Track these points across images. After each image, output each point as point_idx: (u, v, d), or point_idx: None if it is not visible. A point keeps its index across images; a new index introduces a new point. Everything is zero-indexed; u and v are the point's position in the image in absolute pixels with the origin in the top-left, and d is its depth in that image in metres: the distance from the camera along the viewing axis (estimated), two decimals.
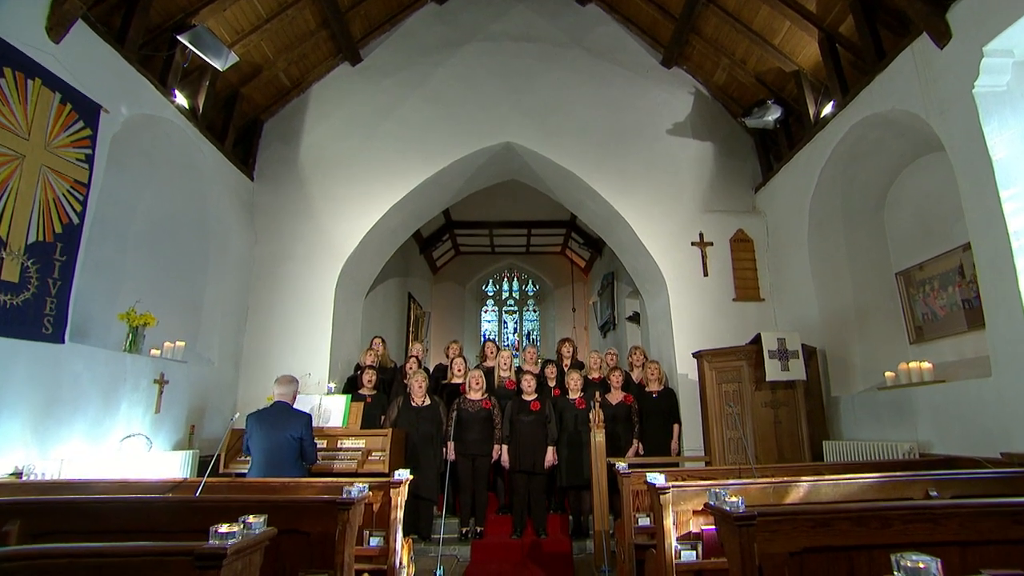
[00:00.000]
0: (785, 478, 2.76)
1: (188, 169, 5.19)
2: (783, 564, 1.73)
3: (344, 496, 2.26)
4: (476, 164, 6.56)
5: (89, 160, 3.75)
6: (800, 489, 2.68)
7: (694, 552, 2.59)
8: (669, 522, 2.60)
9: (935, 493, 2.58)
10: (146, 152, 4.84)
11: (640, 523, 3.39)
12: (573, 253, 11.85)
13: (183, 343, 4.70)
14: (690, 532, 2.66)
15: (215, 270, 5.46)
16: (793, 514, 1.76)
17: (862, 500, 2.63)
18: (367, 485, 2.48)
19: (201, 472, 4.51)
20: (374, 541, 2.98)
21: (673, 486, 2.64)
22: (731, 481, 2.70)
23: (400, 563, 2.99)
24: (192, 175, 5.24)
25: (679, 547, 2.59)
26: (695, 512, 2.67)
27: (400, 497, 3.07)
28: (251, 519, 1.46)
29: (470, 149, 6.30)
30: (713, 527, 2.65)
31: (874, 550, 1.74)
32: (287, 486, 3.08)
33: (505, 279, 13.14)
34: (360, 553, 2.95)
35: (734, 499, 1.83)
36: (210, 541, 1.29)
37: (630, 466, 3.61)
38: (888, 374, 4.28)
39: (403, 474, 3.15)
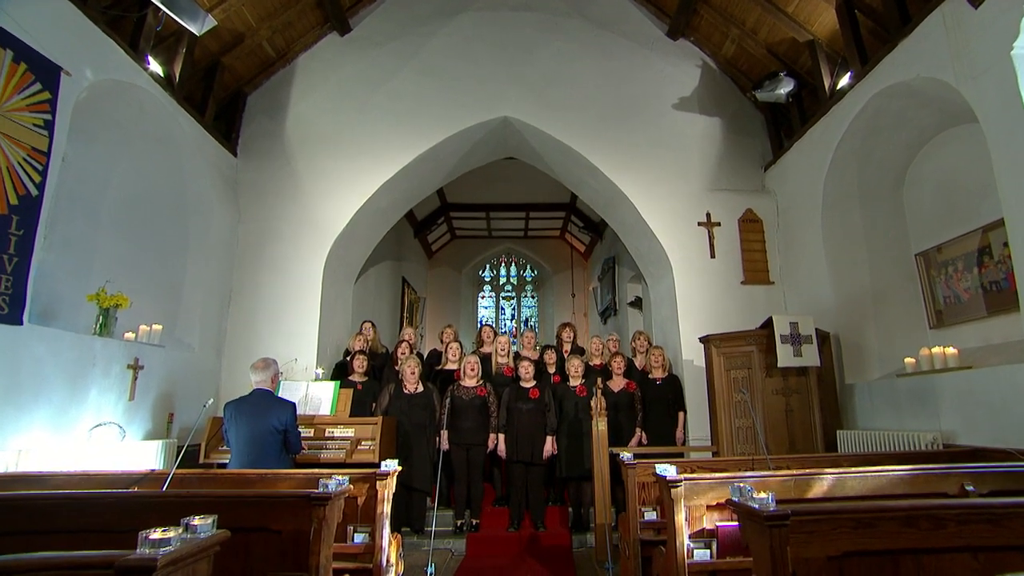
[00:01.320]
0: (806, 470, 2.54)
1: (165, 142, 4.89)
2: (820, 570, 1.52)
3: (319, 491, 2.03)
4: (472, 140, 6.29)
5: (49, 126, 3.46)
6: (824, 482, 2.47)
7: (708, 551, 2.38)
8: (681, 518, 2.39)
9: (971, 487, 2.38)
10: (118, 123, 4.54)
11: (646, 517, 3.19)
12: (573, 237, 11.61)
13: (160, 327, 4.45)
14: (703, 529, 2.45)
15: (195, 250, 5.19)
16: (832, 513, 1.53)
17: (892, 495, 2.42)
18: (347, 477, 2.26)
19: (179, 463, 4.31)
20: (359, 538, 2.77)
21: (686, 479, 2.42)
22: (748, 473, 2.50)
23: (387, 561, 2.79)
24: (169, 149, 4.94)
25: (691, 545, 2.38)
26: (709, 507, 2.46)
27: (387, 490, 2.85)
28: (196, 521, 1.23)
29: (465, 124, 6.02)
30: (729, 523, 2.44)
31: (923, 555, 1.53)
32: (264, 478, 2.87)
33: (502, 264, 12.91)
34: (343, 551, 2.74)
35: (763, 495, 1.61)
36: (139, 549, 1.06)
37: (635, 456, 3.40)
38: (908, 360, 4.06)
39: (391, 465, 2.93)
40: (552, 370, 5.31)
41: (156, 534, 1.08)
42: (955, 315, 4.27)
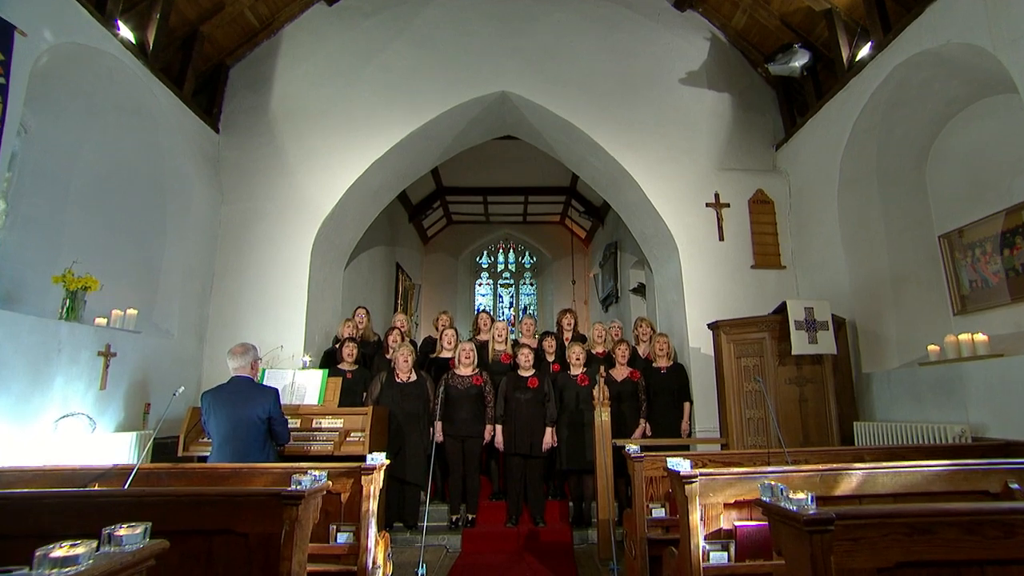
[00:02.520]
0: (832, 465, 2.34)
1: (139, 115, 4.62)
2: None
3: (292, 488, 1.82)
4: (468, 117, 6.02)
5: (2, 91, 3.20)
6: (852, 478, 2.27)
7: (725, 553, 2.19)
8: (695, 517, 2.19)
9: (1016, 486, 2.18)
10: (86, 92, 4.27)
11: (654, 514, 3.01)
12: (573, 223, 11.36)
13: (135, 311, 4.22)
14: (720, 529, 2.25)
15: (174, 231, 4.95)
16: (883, 517, 1.33)
17: (928, 492, 2.22)
18: (325, 473, 2.05)
19: (156, 456, 4.11)
20: (342, 537, 2.57)
21: (701, 475, 2.22)
22: (770, 468, 2.30)
23: (373, 562, 2.59)
24: (144, 122, 4.67)
25: (707, 547, 2.19)
26: (727, 505, 2.27)
27: (373, 485, 2.65)
28: (122, 531, 1.02)
29: (461, 99, 5.76)
30: (749, 523, 2.25)
31: (989, 567, 1.32)
32: (239, 473, 2.66)
33: (500, 250, 12.67)
34: (325, 551, 2.55)
35: (801, 496, 1.40)
36: (34, 571, 0.85)
37: (642, 449, 3.21)
38: (931, 348, 3.86)
39: (377, 458, 2.73)
40: (552, 358, 5.13)
41: (61, 549, 0.87)
42: (982, 300, 4.06)
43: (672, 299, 5.81)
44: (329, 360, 5.24)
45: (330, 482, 2.12)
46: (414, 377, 4.58)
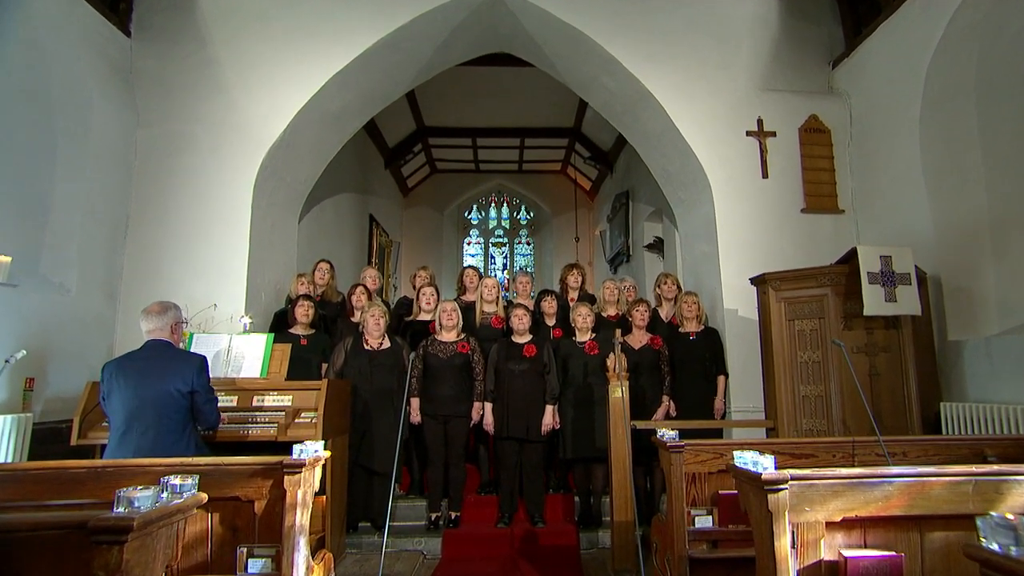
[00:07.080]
0: (987, 468, 1.68)
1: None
2: None
3: (115, 513, 1.11)
4: (450, 24, 5.18)
5: None
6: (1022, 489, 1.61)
7: None
8: (784, 543, 1.53)
9: None
10: None
11: (698, 524, 2.37)
12: (577, 171, 10.62)
13: (7, 259, 3.46)
14: (821, 561, 1.59)
15: (69, 159, 4.13)
16: None
17: None
18: (193, 480, 1.35)
19: (37, 447, 3.43)
20: (255, 565, 1.90)
21: (793, 478, 1.55)
22: (897, 470, 1.62)
23: None
24: (13, 13, 3.75)
25: None
26: (830, 525, 1.60)
27: (303, 489, 1.97)
28: None
29: None
30: (863, 553, 1.58)
31: None
32: (102, 474, 1.96)
33: (493, 204, 11.96)
34: None
35: None
36: None
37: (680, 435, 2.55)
38: None
39: (310, 450, 2.05)
40: (552, 321, 4.59)
41: None
42: None
43: (702, 250, 5.15)
44: (281, 324, 4.63)
45: (204, 495, 1.41)
46: (387, 344, 4.09)
